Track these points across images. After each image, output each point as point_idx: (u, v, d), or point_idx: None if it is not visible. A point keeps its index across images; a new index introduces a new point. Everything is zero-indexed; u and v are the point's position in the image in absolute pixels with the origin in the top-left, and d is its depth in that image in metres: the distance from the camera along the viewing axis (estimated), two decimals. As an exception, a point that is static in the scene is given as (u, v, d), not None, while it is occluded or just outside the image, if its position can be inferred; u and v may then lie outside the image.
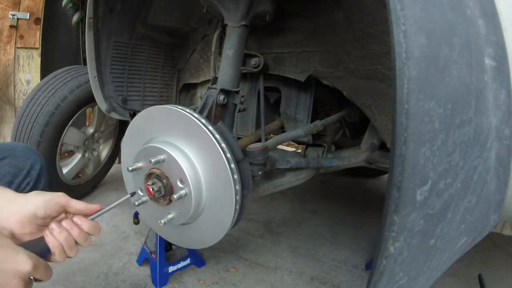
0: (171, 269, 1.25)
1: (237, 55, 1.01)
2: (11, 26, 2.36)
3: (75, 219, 0.60)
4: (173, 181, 0.79)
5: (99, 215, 0.64)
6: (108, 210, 0.66)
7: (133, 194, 0.78)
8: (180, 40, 1.54)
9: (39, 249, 0.55)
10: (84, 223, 0.60)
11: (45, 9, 2.47)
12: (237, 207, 0.79)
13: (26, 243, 0.55)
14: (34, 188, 0.83)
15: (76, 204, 0.61)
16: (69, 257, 0.58)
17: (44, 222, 0.59)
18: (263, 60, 1.07)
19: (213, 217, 0.81)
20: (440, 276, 0.62)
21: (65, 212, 0.62)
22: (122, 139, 0.98)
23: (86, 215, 0.62)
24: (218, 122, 0.81)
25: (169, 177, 0.79)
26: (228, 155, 0.76)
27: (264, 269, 1.38)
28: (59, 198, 0.60)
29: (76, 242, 0.58)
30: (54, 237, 0.56)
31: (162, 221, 0.78)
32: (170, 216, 0.80)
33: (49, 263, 0.56)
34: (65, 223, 0.58)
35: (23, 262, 0.50)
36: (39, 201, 0.58)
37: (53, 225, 0.57)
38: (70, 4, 2.37)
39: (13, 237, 0.56)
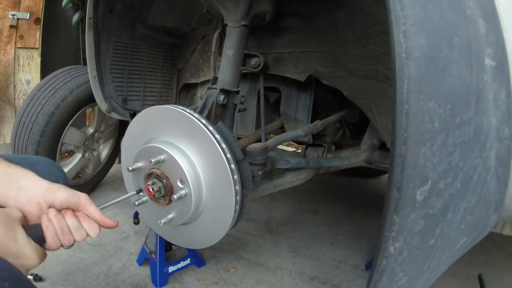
0: (171, 269, 1.25)
1: (237, 55, 1.01)
2: (11, 26, 2.36)
3: (76, 212, 0.61)
4: (173, 181, 0.79)
5: (107, 206, 0.67)
6: (109, 206, 0.68)
7: (139, 191, 0.78)
8: (180, 40, 1.54)
9: (40, 234, 0.56)
10: (83, 218, 0.61)
11: (45, 9, 2.47)
12: (237, 207, 0.79)
13: (30, 226, 0.57)
14: None
15: (92, 209, 0.62)
16: (64, 246, 0.59)
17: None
18: (263, 60, 1.07)
19: (213, 217, 0.81)
20: (440, 276, 0.62)
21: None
22: (122, 139, 0.98)
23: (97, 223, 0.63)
24: (218, 122, 0.81)
25: (169, 177, 0.79)
26: (228, 155, 0.76)
27: (264, 269, 1.38)
28: (79, 198, 0.62)
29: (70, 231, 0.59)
30: (49, 218, 0.57)
31: (162, 221, 0.78)
32: (170, 216, 0.80)
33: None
34: (63, 210, 0.60)
35: (32, 259, 0.52)
36: (61, 194, 0.60)
37: (50, 209, 0.58)
38: (70, 4, 2.36)
39: (23, 217, 0.58)
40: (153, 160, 0.77)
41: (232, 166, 0.76)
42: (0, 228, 0.50)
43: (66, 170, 1.73)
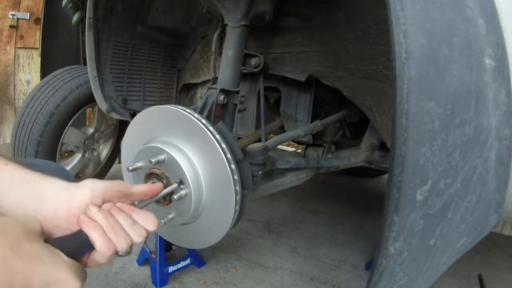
0: (171, 269, 1.25)
1: (237, 55, 1.01)
2: (11, 26, 2.36)
3: (118, 204, 0.49)
4: (173, 181, 0.79)
5: (147, 204, 0.54)
6: (154, 200, 0.59)
7: (180, 183, 0.76)
8: (180, 40, 1.54)
9: (77, 246, 0.44)
10: (131, 211, 0.48)
11: (45, 9, 2.47)
12: (237, 207, 0.79)
13: (57, 239, 0.44)
14: None
15: (139, 188, 0.52)
16: (120, 251, 0.45)
17: None
18: (263, 60, 1.07)
19: (213, 217, 0.81)
20: (440, 276, 0.62)
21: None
22: (122, 139, 0.97)
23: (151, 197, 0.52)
24: (218, 122, 0.81)
25: (169, 177, 0.79)
26: (228, 155, 0.76)
27: (264, 269, 1.38)
28: (121, 185, 0.50)
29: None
30: (90, 216, 0.44)
31: (162, 221, 0.78)
32: (170, 216, 0.80)
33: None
34: (104, 205, 0.47)
35: (71, 284, 0.37)
36: (97, 187, 0.48)
37: (90, 206, 0.46)
38: (70, 4, 2.37)
39: (44, 231, 0.44)
40: (153, 160, 0.77)
41: (232, 166, 0.76)
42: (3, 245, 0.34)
43: (66, 170, 1.74)
